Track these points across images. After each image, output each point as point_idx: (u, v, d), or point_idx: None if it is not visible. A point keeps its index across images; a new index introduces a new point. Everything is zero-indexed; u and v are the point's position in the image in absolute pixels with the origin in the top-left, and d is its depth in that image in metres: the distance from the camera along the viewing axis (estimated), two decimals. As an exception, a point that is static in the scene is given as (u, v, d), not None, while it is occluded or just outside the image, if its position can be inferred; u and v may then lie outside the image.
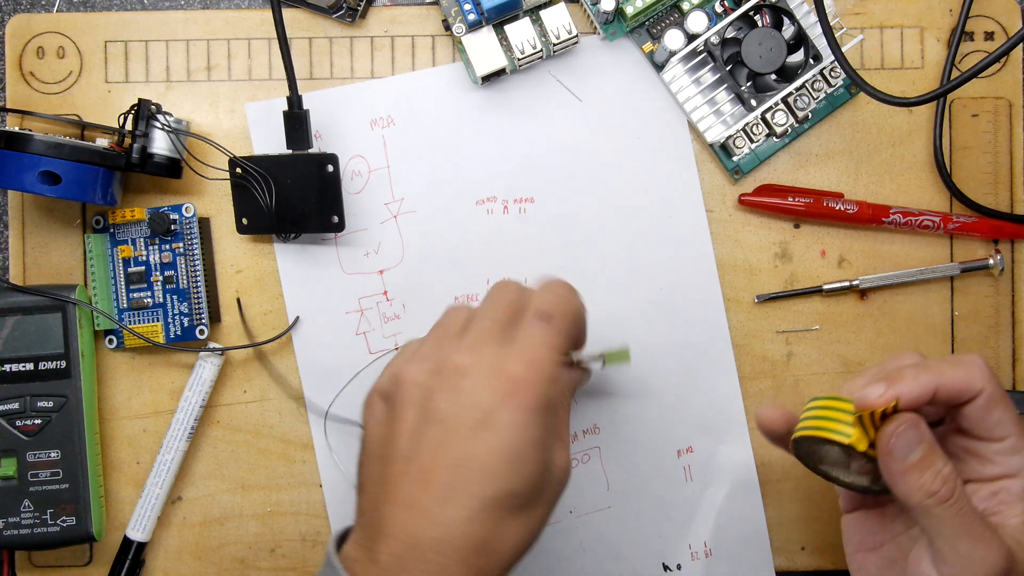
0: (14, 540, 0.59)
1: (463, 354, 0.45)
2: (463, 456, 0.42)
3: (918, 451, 0.43)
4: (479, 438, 0.42)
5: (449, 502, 0.42)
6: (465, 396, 0.44)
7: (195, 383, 0.61)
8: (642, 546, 0.62)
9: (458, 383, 0.44)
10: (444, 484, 0.42)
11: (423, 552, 0.41)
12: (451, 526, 0.41)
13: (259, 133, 0.62)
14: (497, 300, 0.48)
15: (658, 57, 0.61)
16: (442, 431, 0.43)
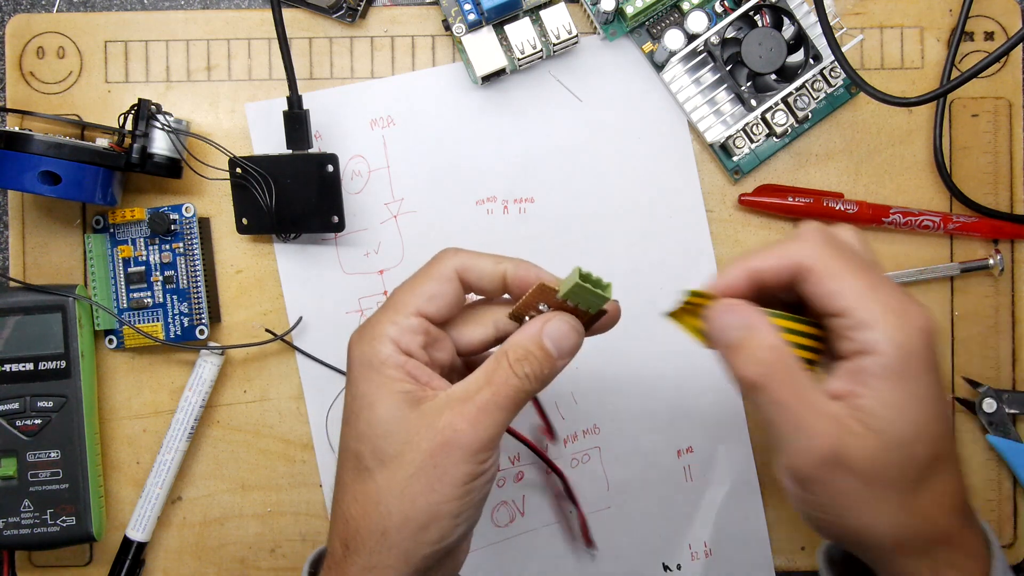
0: (14, 540, 0.59)
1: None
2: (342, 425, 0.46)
3: (732, 337, 0.42)
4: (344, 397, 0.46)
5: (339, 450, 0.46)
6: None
7: (195, 383, 0.61)
8: (642, 546, 0.62)
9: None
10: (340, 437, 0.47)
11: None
12: (337, 472, 0.45)
13: (259, 133, 0.62)
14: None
15: (658, 57, 0.61)
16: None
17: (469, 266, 0.45)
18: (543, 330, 0.44)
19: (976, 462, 0.63)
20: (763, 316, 0.42)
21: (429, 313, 0.45)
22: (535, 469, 0.63)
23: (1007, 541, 0.63)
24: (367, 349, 0.44)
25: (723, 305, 0.42)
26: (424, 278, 0.45)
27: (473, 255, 0.46)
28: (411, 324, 0.44)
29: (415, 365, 0.44)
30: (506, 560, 0.62)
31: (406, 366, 0.44)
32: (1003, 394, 0.62)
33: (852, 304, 0.39)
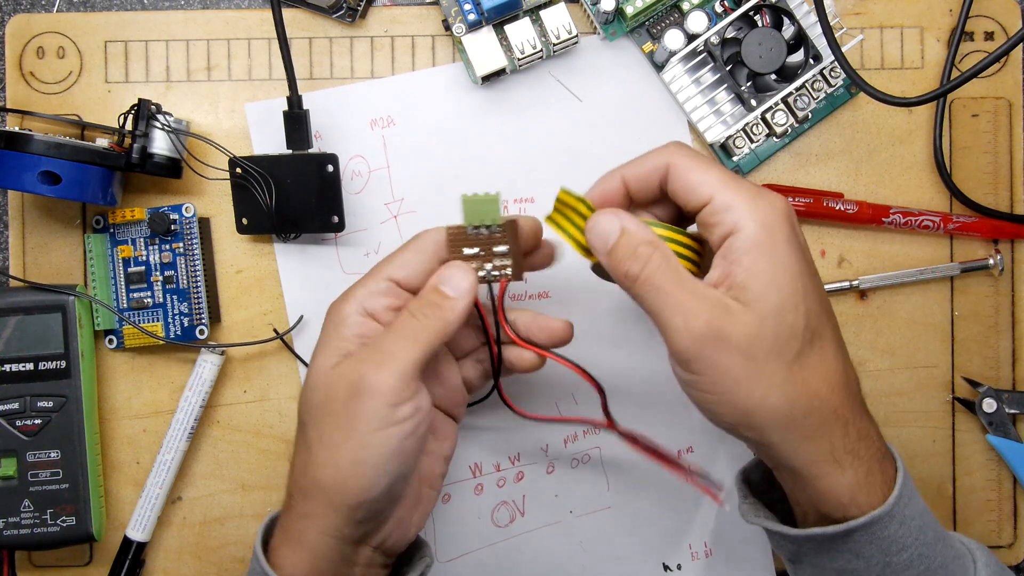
0: (14, 540, 0.59)
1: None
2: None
3: (610, 239, 0.44)
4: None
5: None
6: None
7: (195, 383, 0.61)
8: (642, 546, 0.62)
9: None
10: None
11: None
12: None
13: (259, 133, 0.62)
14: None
15: (658, 57, 0.61)
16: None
17: (439, 239, 0.48)
18: (436, 275, 0.47)
19: (976, 462, 0.63)
20: (635, 220, 0.45)
21: (398, 277, 0.47)
22: (535, 470, 0.63)
23: (1007, 541, 0.63)
24: (333, 309, 0.48)
25: (600, 212, 0.45)
26: (400, 249, 0.48)
27: (439, 228, 0.49)
28: (379, 287, 0.47)
29: (371, 327, 0.46)
30: (506, 560, 0.62)
31: (361, 326, 0.46)
32: (1003, 394, 0.62)
33: (714, 190, 0.43)
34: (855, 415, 0.44)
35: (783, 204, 0.43)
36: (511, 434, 0.62)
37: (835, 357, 0.44)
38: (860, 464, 0.43)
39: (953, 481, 0.63)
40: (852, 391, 0.44)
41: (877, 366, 0.63)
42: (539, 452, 0.63)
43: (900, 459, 0.46)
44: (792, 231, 0.43)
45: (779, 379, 0.42)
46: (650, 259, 0.43)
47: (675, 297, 0.42)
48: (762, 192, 0.43)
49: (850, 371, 0.45)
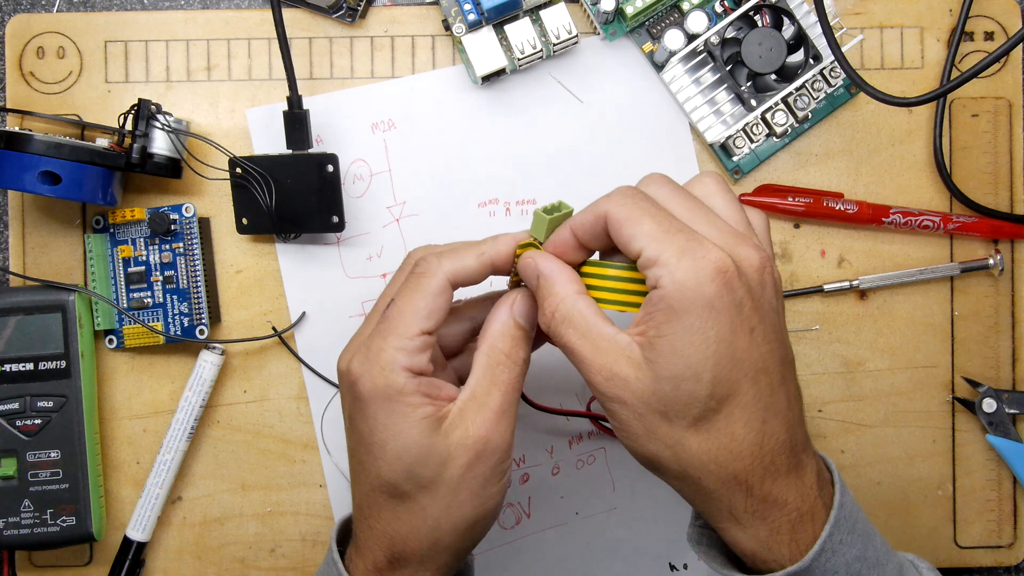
0: (14, 540, 0.59)
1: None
2: (350, 448, 0.48)
3: (533, 284, 0.45)
4: (352, 432, 0.47)
5: (355, 485, 0.48)
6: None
7: (195, 383, 0.61)
8: (648, 546, 0.63)
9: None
10: (353, 471, 0.48)
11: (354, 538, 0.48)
12: (357, 510, 0.48)
13: (259, 138, 0.61)
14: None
15: (658, 57, 0.61)
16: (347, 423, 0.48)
17: (458, 272, 0.46)
18: (513, 312, 0.47)
19: (976, 462, 0.63)
20: (556, 265, 0.45)
21: (429, 330, 0.46)
22: (541, 471, 0.63)
23: (1007, 541, 0.63)
24: (380, 380, 0.44)
25: (524, 257, 0.46)
26: (419, 296, 0.46)
27: (455, 258, 0.47)
28: (417, 345, 0.45)
29: (427, 383, 0.45)
30: (512, 562, 0.62)
31: (422, 387, 0.45)
32: (1003, 394, 0.62)
33: (643, 244, 0.41)
34: (764, 479, 0.42)
35: (714, 262, 0.40)
36: (516, 436, 0.62)
37: (746, 424, 0.41)
38: (764, 525, 0.42)
39: (953, 481, 0.63)
40: (765, 456, 0.42)
41: (877, 366, 0.63)
42: (544, 454, 0.63)
43: (835, 509, 0.43)
44: (722, 291, 0.40)
45: (672, 440, 0.42)
46: (560, 312, 0.44)
47: (582, 350, 0.43)
48: (692, 248, 0.40)
49: (772, 434, 0.42)
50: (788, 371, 0.43)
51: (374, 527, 0.46)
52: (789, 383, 0.43)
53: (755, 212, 0.46)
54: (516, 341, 0.46)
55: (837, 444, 0.63)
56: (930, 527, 0.63)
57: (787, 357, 0.43)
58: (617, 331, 0.43)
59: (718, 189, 0.45)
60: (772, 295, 0.43)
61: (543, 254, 0.46)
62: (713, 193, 0.45)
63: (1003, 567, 0.64)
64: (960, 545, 0.63)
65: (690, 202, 0.43)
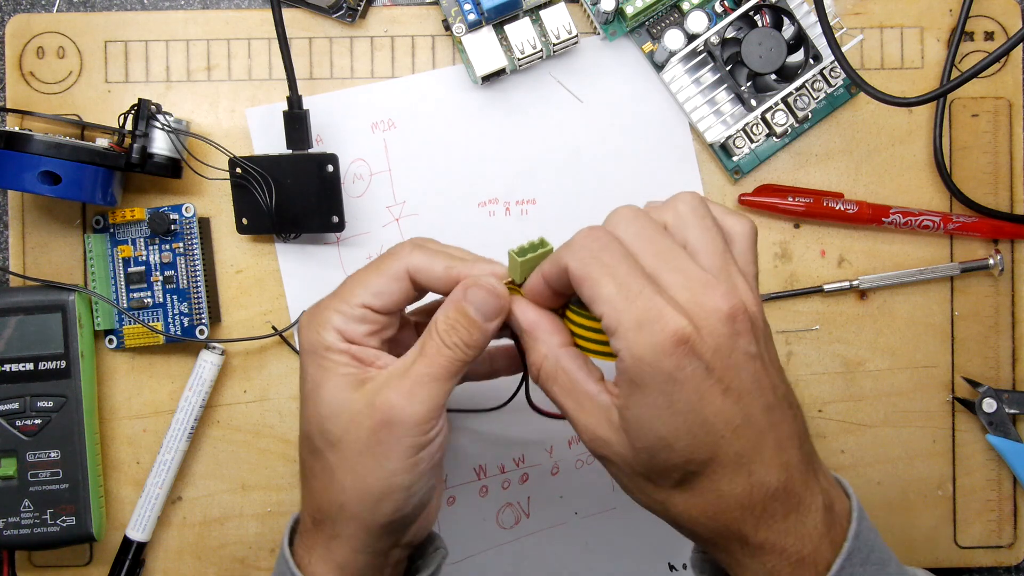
0: (14, 540, 0.59)
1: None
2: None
3: (522, 336, 0.45)
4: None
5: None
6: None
7: (195, 383, 0.61)
8: (647, 546, 0.63)
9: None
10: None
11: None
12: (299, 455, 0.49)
13: (259, 138, 0.61)
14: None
15: (658, 57, 0.61)
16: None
17: (421, 268, 0.46)
18: (465, 297, 0.45)
19: (976, 462, 0.63)
20: (536, 317, 0.44)
21: (374, 307, 0.46)
22: (540, 471, 0.63)
23: (1007, 541, 0.63)
24: (313, 336, 0.46)
25: (515, 305, 0.45)
26: (375, 272, 0.46)
27: (428, 256, 0.46)
28: (355, 314, 0.46)
29: (359, 349, 0.46)
30: (512, 562, 0.62)
31: (350, 351, 0.45)
32: (1003, 394, 0.62)
33: (604, 310, 0.39)
34: (759, 528, 0.40)
35: (672, 334, 0.38)
36: (515, 436, 0.62)
37: (731, 481, 0.40)
38: (763, 568, 0.41)
39: (953, 481, 0.63)
40: (756, 507, 0.40)
41: (877, 366, 0.63)
42: (544, 454, 0.63)
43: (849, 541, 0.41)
44: (683, 361, 0.38)
45: (660, 498, 0.41)
46: (547, 371, 0.43)
47: (570, 408, 0.43)
48: (650, 320, 0.38)
49: (761, 484, 0.40)
50: (778, 413, 0.40)
51: (303, 485, 0.48)
52: (781, 424, 0.40)
53: (739, 221, 0.43)
54: (458, 326, 0.45)
55: (837, 444, 0.63)
56: (930, 527, 0.63)
57: (774, 399, 0.40)
58: (601, 389, 0.42)
59: (693, 218, 0.42)
60: (748, 342, 0.39)
61: (522, 304, 0.45)
62: (687, 224, 0.42)
63: (1003, 567, 0.64)
64: (960, 545, 0.63)
65: (657, 243, 0.41)
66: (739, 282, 0.40)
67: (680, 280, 0.39)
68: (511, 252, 0.45)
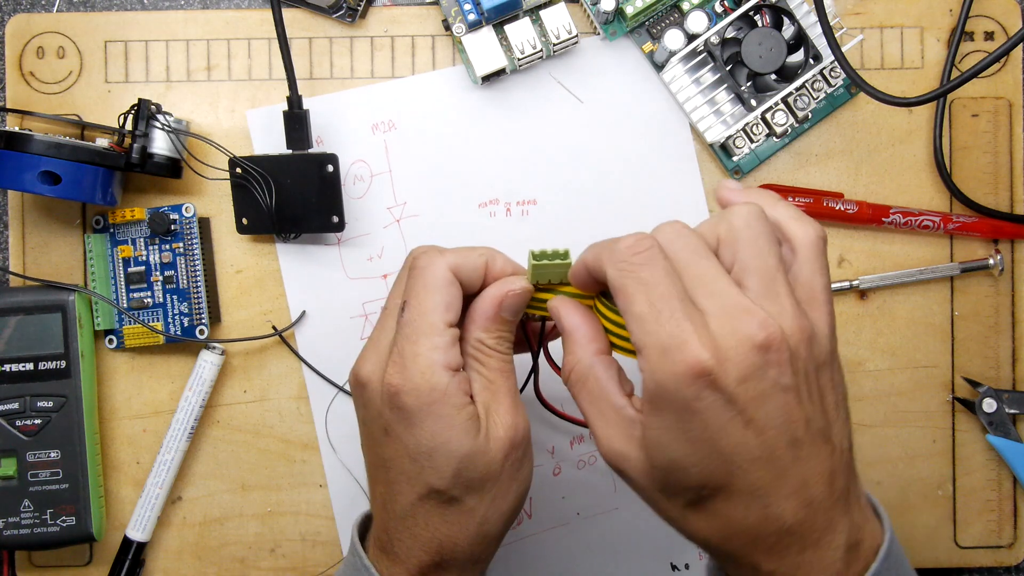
0: (14, 540, 0.59)
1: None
2: (383, 459, 0.46)
3: (562, 333, 0.44)
4: (387, 444, 0.46)
5: (395, 496, 0.46)
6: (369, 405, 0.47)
7: (195, 383, 0.61)
8: (649, 546, 0.62)
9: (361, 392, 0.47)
10: (390, 483, 0.46)
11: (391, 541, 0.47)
12: (397, 521, 0.46)
13: (260, 138, 0.61)
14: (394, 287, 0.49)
15: (658, 57, 0.61)
16: (365, 432, 0.48)
17: (460, 263, 0.46)
18: (503, 306, 0.46)
19: (976, 462, 0.63)
20: (578, 321, 0.44)
21: (453, 321, 0.45)
22: (542, 472, 0.63)
23: (1007, 541, 0.63)
24: (423, 386, 0.43)
25: (549, 304, 0.45)
26: (431, 289, 0.45)
27: (456, 252, 0.46)
28: (448, 340, 0.44)
29: (465, 379, 0.45)
30: (515, 563, 0.62)
31: (463, 385, 0.45)
32: (1003, 394, 0.62)
33: (633, 327, 0.39)
34: (770, 558, 0.40)
35: (693, 367, 0.37)
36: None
37: (745, 509, 0.39)
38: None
39: (953, 481, 0.63)
40: (769, 538, 0.39)
41: (877, 366, 0.63)
42: (545, 454, 0.63)
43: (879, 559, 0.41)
44: (702, 392, 0.37)
45: (674, 514, 0.42)
46: (578, 376, 0.43)
47: (594, 417, 0.43)
48: (674, 348, 0.38)
49: (776, 518, 0.39)
50: (807, 448, 0.39)
51: (420, 535, 0.45)
52: (808, 460, 0.39)
53: (803, 227, 0.42)
54: (501, 333, 0.46)
55: (837, 444, 0.63)
56: (930, 527, 0.63)
57: (804, 434, 0.39)
58: (627, 403, 0.42)
59: (746, 233, 0.40)
60: (780, 374, 0.38)
61: (568, 306, 0.44)
62: (739, 239, 0.40)
63: (1003, 567, 0.64)
64: (960, 545, 0.63)
65: (699, 265, 0.40)
66: (786, 306, 0.39)
67: (716, 306, 0.38)
68: (531, 253, 0.45)
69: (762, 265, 0.39)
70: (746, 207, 0.41)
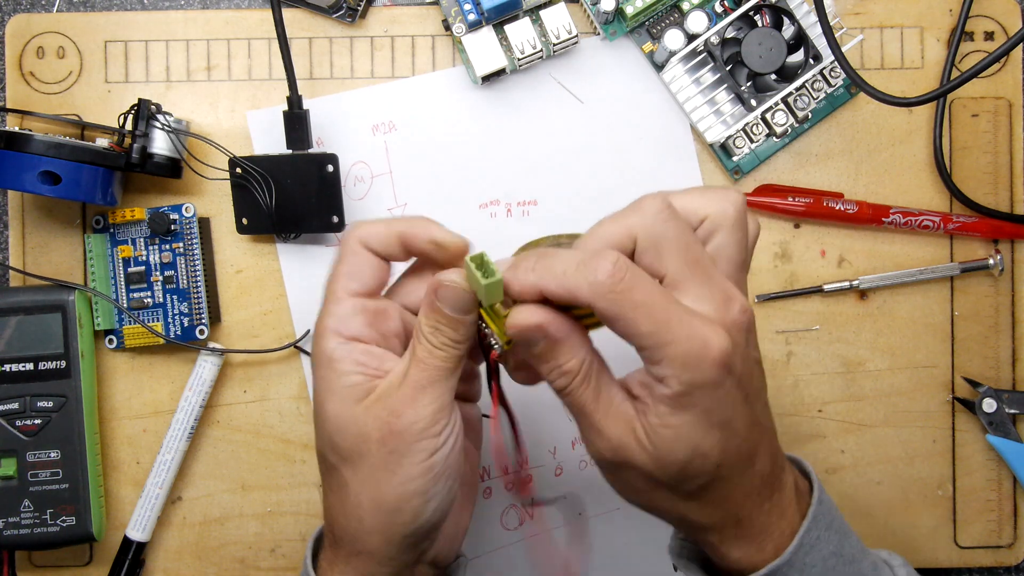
0: (14, 540, 0.59)
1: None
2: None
3: (538, 345, 0.42)
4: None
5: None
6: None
7: (195, 383, 0.61)
8: (652, 546, 0.62)
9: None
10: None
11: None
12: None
13: (260, 139, 0.61)
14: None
15: (658, 57, 0.61)
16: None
17: (366, 235, 0.45)
18: (437, 297, 0.43)
19: (976, 462, 0.63)
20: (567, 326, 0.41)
21: (356, 290, 0.45)
22: (544, 472, 0.63)
23: (1007, 541, 0.63)
24: (315, 349, 0.45)
25: (524, 317, 0.41)
26: (338, 262, 0.46)
27: (369, 224, 0.46)
28: (345, 308, 0.45)
29: (363, 350, 0.44)
30: (515, 563, 0.62)
31: (354, 354, 0.44)
32: (1003, 394, 0.62)
33: (643, 343, 0.39)
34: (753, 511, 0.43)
35: (720, 353, 0.39)
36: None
37: (741, 474, 0.42)
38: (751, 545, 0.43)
39: (953, 481, 0.63)
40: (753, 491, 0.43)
41: (877, 366, 0.63)
42: (547, 455, 0.63)
43: (813, 505, 0.44)
44: (723, 377, 0.39)
45: (677, 502, 0.43)
46: (572, 381, 0.42)
47: (591, 418, 0.42)
48: (697, 347, 0.39)
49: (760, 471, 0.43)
50: (767, 405, 0.44)
51: (324, 503, 0.47)
52: (768, 417, 0.44)
53: (711, 202, 0.43)
54: (436, 324, 0.43)
55: (837, 444, 0.63)
56: (930, 527, 0.63)
57: (766, 396, 0.44)
58: (624, 398, 0.42)
59: (662, 229, 0.41)
60: (754, 348, 0.42)
61: (549, 315, 0.41)
62: (658, 236, 0.41)
63: (1003, 567, 0.64)
64: (960, 545, 0.63)
65: (689, 253, 0.41)
66: (737, 287, 0.42)
67: (705, 295, 0.40)
68: (469, 261, 0.41)
69: (732, 251, 0.43)
70: (651, 198, 0.41)
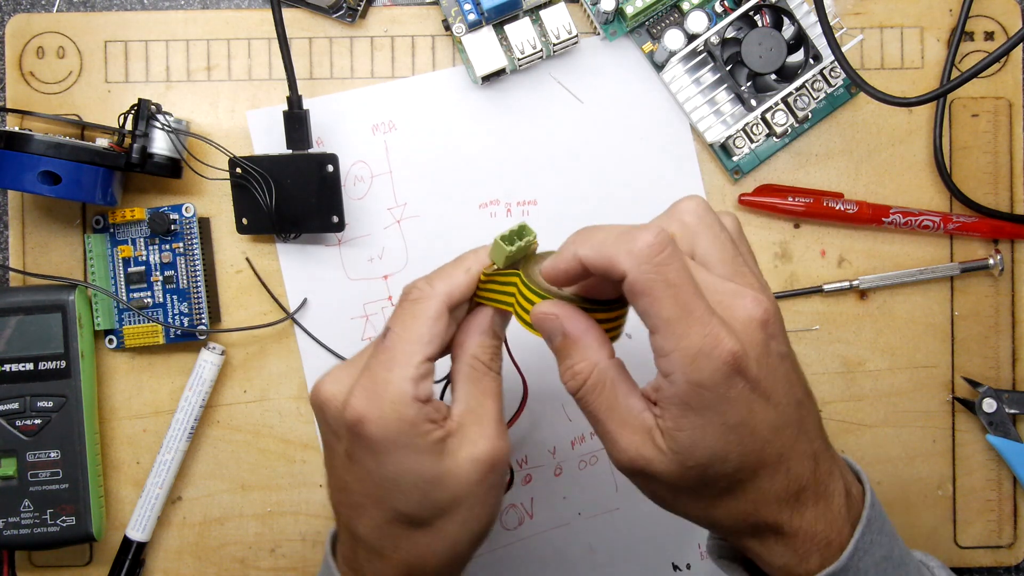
0: (14, 540, 0.59)
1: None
2: (345, 481, 0.45)
3: (556, 343, 0.42)
4: (350, 468, 0.45)
5: (361, 520, 0.45)
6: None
7: (195, 383, 0.61)
8: (651, 546, 0.63)
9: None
10: (355, 507, 0.45)
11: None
12: (365, 544, 0.45)
13: (260, 139, 0.61)
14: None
15: (658, 57, 0.61)
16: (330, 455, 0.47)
17: (451, 290, 0.45)
18: (492, 324, 0.45)
19: (976, 462, 0.63)
20: (585, 325, 0.42)
21: (432, 356, 0.44)
22: (543, 472, 0.63)
23: (1007, 541, 0.63)
24: (390, 416, 0.42)
25: (545, 309, 0.42)
26: (417, 320, 0.44)
27: (444, 276, 0.45)
28: (422, 373, 0.43)
29: (432, 407, 0.44)
30: (515, 563, 0.62)
31: (428, 416, 0.43)
32: (1003, 394, 0.62)
33: (662, 331, 0.39)
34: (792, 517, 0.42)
35: (728, 360, 0.38)
36: (518, 437, 0.62)
37: (771, 479, 0.41)
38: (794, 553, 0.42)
39: (953, 481, 0.63)
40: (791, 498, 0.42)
41: (877, 366, 0.63)
42: (547, 454, 0.63)
43: (867, 509, 0.43)
44: (735, 380, 0.39)
45: (699, 509, 0.42)
46: (588, 383, 0.42)
47: (609, 426, 0.42)
48: (707, 347, 0.38)
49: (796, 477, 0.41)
50: (805, 405, 0.42)
51: (390, 557, 0.45)
52: (808, 417, 0.42)
53: (726, 217, 0.44)
54: (495, 351, 0.46)
55: (837, 444, 0.63)
56: (930, 527, 0.63)
57: (802, 393, 0.42)
58: (643, 407, 0.41)
59: (700, 226, 0.42)
60: (779, 344, 0.40)
61: (569, 311, 0.42)
62: (695, 232, 0.42)
63: (1003, 567, 0.64)
64: (960, 545, 0.63)
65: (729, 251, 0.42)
66: (760, 282, 0.41)
67: (713, 293, 0.40)
68: (498, 241, 0.44)
69: (725, 251, 0.42)
70: (692, 202, 0.43)
